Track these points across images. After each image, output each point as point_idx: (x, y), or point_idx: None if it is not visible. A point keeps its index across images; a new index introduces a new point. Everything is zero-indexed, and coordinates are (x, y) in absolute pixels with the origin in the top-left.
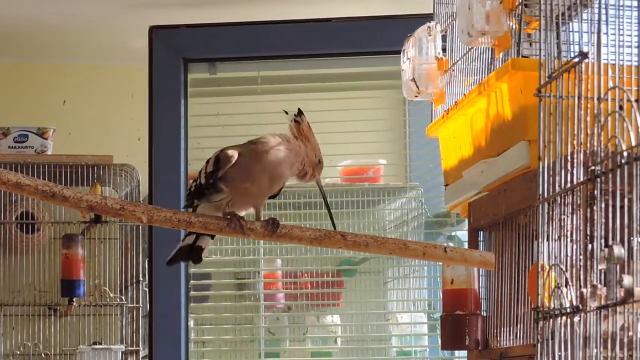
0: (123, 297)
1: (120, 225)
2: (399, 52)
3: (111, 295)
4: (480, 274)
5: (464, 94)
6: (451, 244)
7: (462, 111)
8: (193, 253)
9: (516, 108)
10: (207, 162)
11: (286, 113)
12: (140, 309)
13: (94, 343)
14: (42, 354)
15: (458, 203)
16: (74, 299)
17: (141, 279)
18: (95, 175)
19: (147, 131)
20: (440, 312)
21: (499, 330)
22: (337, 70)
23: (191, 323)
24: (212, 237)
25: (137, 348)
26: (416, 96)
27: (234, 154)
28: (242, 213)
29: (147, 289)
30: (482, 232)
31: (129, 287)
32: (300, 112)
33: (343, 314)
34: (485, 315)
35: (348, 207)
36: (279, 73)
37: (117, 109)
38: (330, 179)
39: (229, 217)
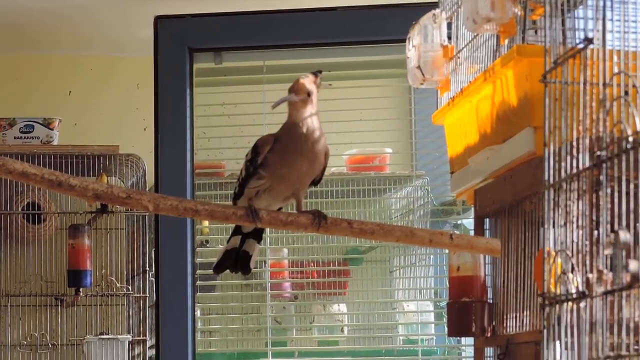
0: (130, 287)
1: (127, 215)
2: (404, 41)
3: (118, 285)
4: (486, 261)
5: (470, 81)
6: (457, 233)
7: (468, 98)
8: (240, 261)
9: (521, 94)
10: (247, 154)
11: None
12: (147, 298)
13: (101, 333)
14: (49, 344)
15: (464, 190)
16: (81, 289)
17: (147, 268)
18: (101, 165)
19: (153, 121)
20: (447, 300)
21: (505, 317)
22: (342, 59)
23: (198, 312)
24: (259, 241)
25: (144, 338)
26: (422, 84)
27: (270, 138)
28: (280, 204)
29: (153, 279)
30: (488, 219)
31: (136, 277)
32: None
33: (349, 303)
34: (491, 302)
35: (354, 195)
36: (284, 62)
37: (122, 99)
38: (336, 168)
39: (247, 207)
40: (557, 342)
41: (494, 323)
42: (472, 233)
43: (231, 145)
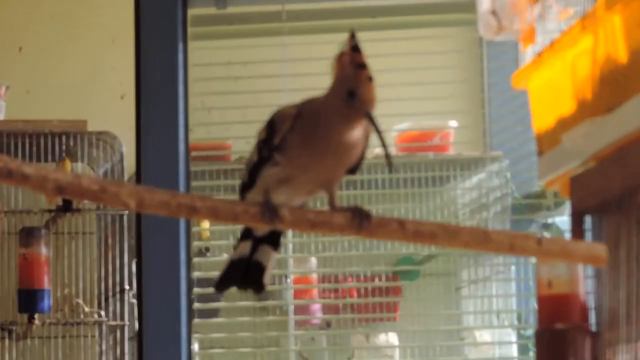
0: (103, 313)
1: (98, 214)
2: None
3: (86, 309)
4: (588, 274)
5: (562, 31)
6: (547, 235)
7: (560, 54)
8: (250, 275)
9: (633, 48)
10: (259, 132)
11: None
12: (126, 327)
13: None
14: None
15: (556, 178)
16: (36, 316)
17: (127, 287)
18: (64, 147)
19: (134, 87)
20: (534, 327)
21: (614, 349)
22: (388, 1)
23: (195, 346)
24: (276, 247)
25: None
26: (497, 34)
27: (291, 112)
28: (305, 197)
29: (134, 301)
30: (589, 216)
31: (111, 299)
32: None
33: (402, 332)
34: (595, 329)
35: (406, 185)
36: (310, 6)
37: (92, 57)
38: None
39: (262, 202)
40: None
41: (598, 357)
42: (567, 235)
43: (240, 119)
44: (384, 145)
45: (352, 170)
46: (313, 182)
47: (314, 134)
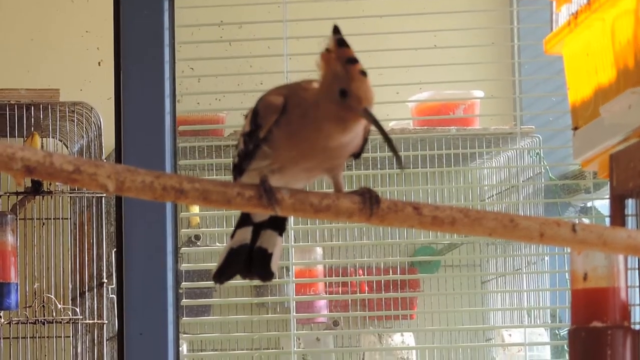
0: (78, 309)
1: (72, 197)
2: None
3: (60, 306)
4: (631, 265)
5: None
6: (585, 220)
7: (599, 14)
8: (255, 261)
9: None
10: (246, 116)
11: None
12: (105, 326)
13: None
14: None
15: (594, 156)
16: (1, 314)
17: (105, 280)
18: (33, 120)
19: (112, 51)
20: (569, 326)
21: None
22: None
23: (184, 348)
24: (281, 232)
25: None
26: None
27: (277, 104)
28: (304, 182)
29: (114, 296)
30: (630, 200)
31: (87, 294)
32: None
33: (419, 332)
34: (637, 328)
35: (425, 164)
36: None
37: (64, 17)
38: (397, 123)
39: (259, 185)
40: None
41: None
42: (607, 221)
43: (234, 89)
44: (388, 143)
45: (355, 156)
46: (310, 171)
47: (302, 135)
